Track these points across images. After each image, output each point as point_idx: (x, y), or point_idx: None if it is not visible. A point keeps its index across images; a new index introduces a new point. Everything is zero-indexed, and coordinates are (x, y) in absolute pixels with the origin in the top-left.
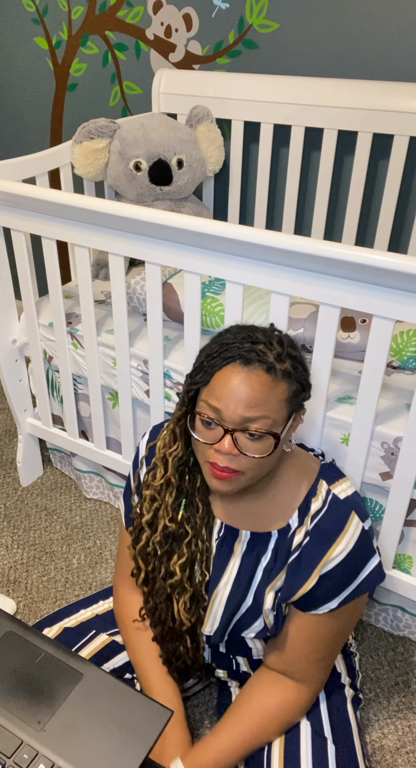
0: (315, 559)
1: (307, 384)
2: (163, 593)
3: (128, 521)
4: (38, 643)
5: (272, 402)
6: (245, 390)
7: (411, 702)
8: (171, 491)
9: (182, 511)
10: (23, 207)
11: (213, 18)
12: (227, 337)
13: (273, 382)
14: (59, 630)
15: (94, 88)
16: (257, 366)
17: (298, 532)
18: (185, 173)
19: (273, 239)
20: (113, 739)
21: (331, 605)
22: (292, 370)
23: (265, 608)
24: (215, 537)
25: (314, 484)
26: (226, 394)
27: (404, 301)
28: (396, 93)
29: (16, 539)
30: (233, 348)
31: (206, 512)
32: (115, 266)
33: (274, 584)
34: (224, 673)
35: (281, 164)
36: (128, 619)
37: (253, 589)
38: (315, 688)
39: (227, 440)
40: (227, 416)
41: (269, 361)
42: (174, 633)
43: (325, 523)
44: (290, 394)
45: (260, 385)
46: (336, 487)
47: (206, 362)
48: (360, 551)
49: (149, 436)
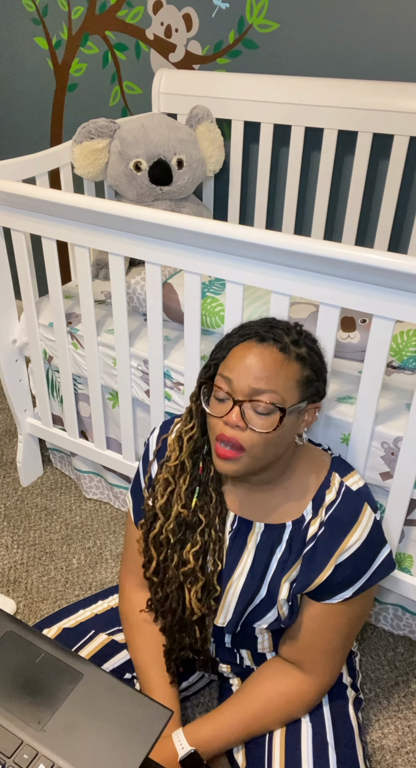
0: (331, 549)
1: (323, 377)
2: (175, 582)
3: (137, 515)
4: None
5: (282, 379)
6: (257, 362)
7: (411, 702)
8: (185, 477)
9: (196, 499)
10: (23, 207)
11: (213, 18)
12: (249, 322)
13: (285, 360)
14: (58, 630)
15: (94, 88)
16: (271, 343)
17: (312, 523)
18: (185, 173)
19: (273, 239)
20: (113, 739)
21: (345, 594)
22: (306, 355)
23: (280, 599)
24: (229, 530)
25: (327, 476)
26: (239, 366)
27: (404, 301)
28: (396, 93)
29: (16, 539)
30: (251, 327)
31: (219, 502)
32: (115, 266)
33: (289, 575)
34: (227, 668)
35: (281, 164)
36: (133, 617)
37: (267, 580)
38: (324, 681)
39: (235, 411)
40: (237, 387)
41: (284, 341)
42: (183, 623)
43: (340, 514)
44: (302, 377)
45: (272, 360)
46: (348, 480)
47: (225, 341)
48: (373, 541)
49: (159, 431)
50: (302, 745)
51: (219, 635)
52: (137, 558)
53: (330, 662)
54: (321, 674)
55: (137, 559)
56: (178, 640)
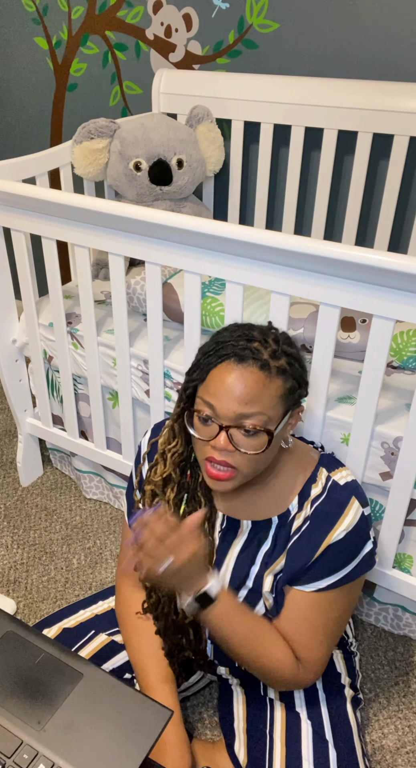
0: (317, 541)
1: (303, 381)
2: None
3: (131, 518)
4: (38, 643)
5: (267, 399)
6: (239, 387)
7: (411, 702)
8: (172, 487)
9: (184, 506)
10: (23, 207)
11: (213, 18)
12: (223, 335)
13: (267, 379)
14: (58, 630)
15: (94, 88)
16: (251, 363)
17: (297, 517)
18: (185, 173)
19: (273, 239)
20: (113, 739)
21: (321, 584)
22: (287, 366)
23: (264, 591)
24: (218, 530)
25: (313, 472)
26: (221, 391)
27: (404, 301)
28: (396, 93)
29: (16, 539)
30: (228, 346)
31: (208, 507)
32: (115, 266)
33: (273, 568)
34: (226, 670)
35: (281, 164)
36: (129, 618)
37: (253, 574)
38: (313, 669)
39: (223, 436)
40: (221, 412)
41: (264, 358)
42: (177, 626)
43: (325, 507)
44: (285, 391)
45: (255, 381)
46: (336, 474)
47: (202, 360)
48: (358, 536)
49: (150, 434)
50: (303, 742)
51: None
52: (133, 559)
53: (313, 653)
54: (309, 662)
55: (133, 560)
56: (175, 643)
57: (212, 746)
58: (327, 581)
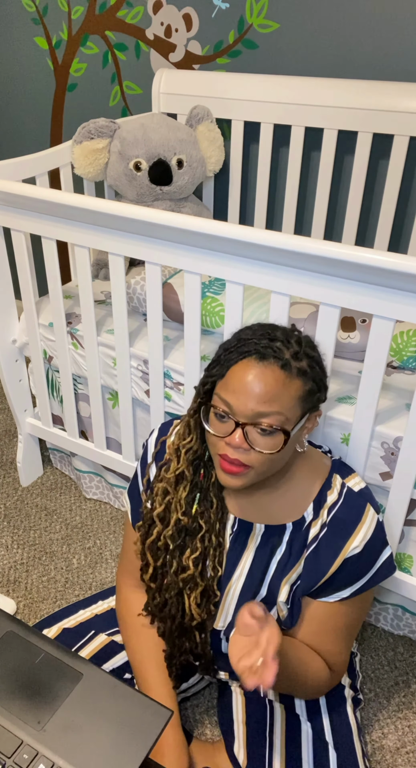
0: (335, 549)
1: (323, 385)
2: (174, 588)
3: (135, 518)
4: (38, 643)
5: (286, 398)
6: (259, 385)
7: (411, 702)
8: (185, 485)
9: (196, 505)
10: (23, 207)
11: (213, 18)
12: (246, 332)
13: (287, 379)
14: (58, 630)
15: (94, 88)
16: (272, 362)
17: (314, 524)
18: (185, 173)
19: (273, 239)
20: (112, 739)
21: (343, 594)
22: (308, 368)
23: (279, 600)
24: (229, 532)
25: (328, 478)
26: (240, 388)
27: (404, 301)
28: (396, 93)
29: (16, 539)
30: (250, 343)
31: (220, 507)
32: (115, 266)
33: (289, 577)
34: (225, 675)
35: (281, 164)
36: (129, 618)
37: (267, 581)
38: (342, 670)
39: (238, 434)
40: (239, 410)
41: (285, 357)
42: (182, 628)
43: (343, 514)
44: (304, 393)
45: (274, 380)
46: (349, 481)
47: (223, 356)
48: (376, 542)
49: (158, 433)
50: (303, 744)
51: (216, 642)
52: (134, 559)
53: (341, 656)
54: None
55: (134, 560)
56: (178, 645)
57: (212, 747)
58: (351, 590)
